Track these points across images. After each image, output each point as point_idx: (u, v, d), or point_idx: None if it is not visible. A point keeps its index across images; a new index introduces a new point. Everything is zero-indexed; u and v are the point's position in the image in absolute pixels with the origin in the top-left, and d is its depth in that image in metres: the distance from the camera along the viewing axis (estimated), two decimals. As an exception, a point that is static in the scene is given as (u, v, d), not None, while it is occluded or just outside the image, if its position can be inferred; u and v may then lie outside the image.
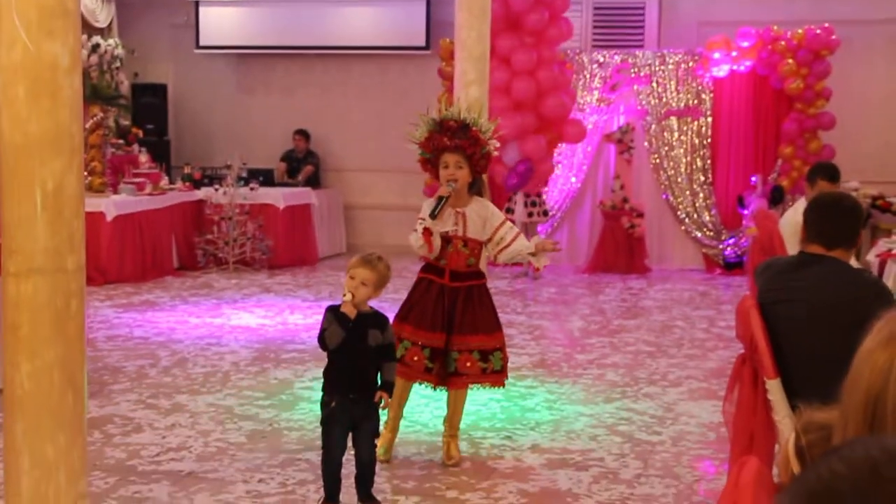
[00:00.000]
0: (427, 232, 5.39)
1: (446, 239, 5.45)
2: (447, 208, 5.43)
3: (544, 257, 5.61)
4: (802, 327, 4.07)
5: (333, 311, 4.76)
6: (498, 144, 5.68)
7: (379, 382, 4.79)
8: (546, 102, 11.99)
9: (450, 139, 5.44)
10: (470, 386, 5.59)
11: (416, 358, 5.43)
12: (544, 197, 12.68)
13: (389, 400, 4.81)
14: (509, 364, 7.79)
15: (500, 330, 5.59)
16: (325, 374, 4.84)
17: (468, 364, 5.45)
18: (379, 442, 5.42)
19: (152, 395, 6.90)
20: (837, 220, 4.19)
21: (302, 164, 14.52)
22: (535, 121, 12.04)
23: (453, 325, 5.45)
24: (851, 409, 1.63)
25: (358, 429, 4.80)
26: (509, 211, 12.55)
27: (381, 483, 5.20)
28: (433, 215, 5.37)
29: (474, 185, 5.56)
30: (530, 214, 12.41)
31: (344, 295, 4.74)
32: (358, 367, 4.77)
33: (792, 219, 7.19)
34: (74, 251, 3.92)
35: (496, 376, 5.55)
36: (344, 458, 4.84)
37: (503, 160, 11.66)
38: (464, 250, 5.50)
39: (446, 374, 5.48)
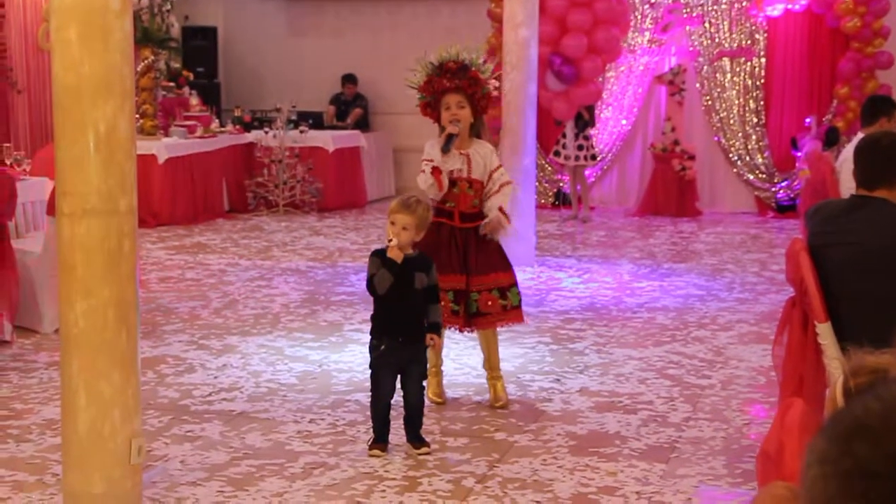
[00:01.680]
0: (437, 170, 5.42)
1: (452, 181, 5.48)
2: (452, 151, 5.46)
3: (489, 230, 5.54)
4: (853, 270, 4.05)
5: (380, 256, 4.79)
6: (497, 84, 5.70)
7: (426, 324, 4.83)
8: (598, 34, 11.79)
9: (450, 80, 5.47)
10: (495, 326, 5.62)
11: (441, 303, 5.48)
12: (593, 140, 12.58)
13: (440, 340, 4.85)
14: (560, 307, 7.85)
15: (511, 267, 5.64)
16: (374, 318, 4.89)
17: (489, 303, 5.50)
18: (430, 389, 5.50)
19: (204, 336, 7.00)
20: (875, 159, 4.15)
21: (351, 107, 14.52)
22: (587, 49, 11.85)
23: (469, 265, 5.49)
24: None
25: (406, 372, 4.85)
26: (556, 154, 12.49)
27: (430, 425, 5.25)
28: (446, 149, 5.39)
29: (475, 127, 5.57)
30: (577, 158, 12.33)
31: (389, 240, 4.77)
32: (406, 310, 4.80)
33: (847, 160, 7.11)
34: (126, 193, 3.97)
35: (516, 312, 5.59)
36: (393, 401, 4.89)
37: (546, 85, 11.52)
38: (469, 192, 5.52)
39: (469, 316, 5.52)
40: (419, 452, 4.84)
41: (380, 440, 4.87)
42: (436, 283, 4.90)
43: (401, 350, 4.79)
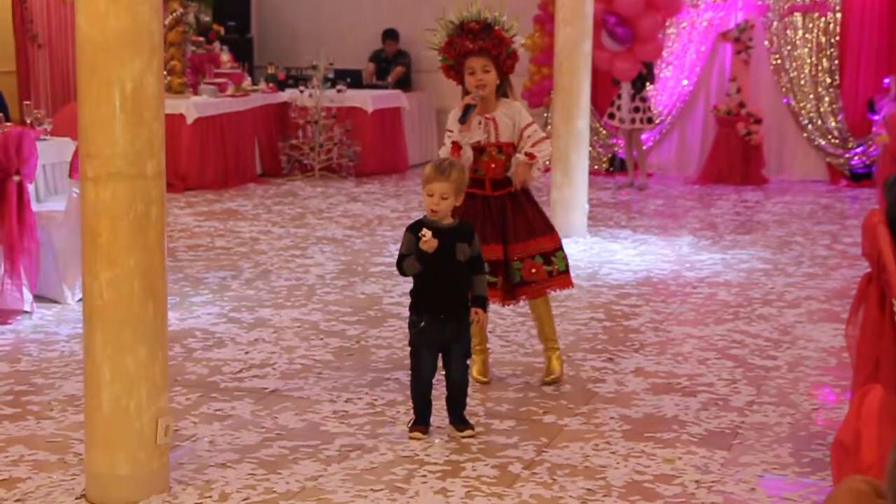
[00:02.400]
0: (455, 145, 5.41)
1: (479, 148, 5.46)
2: (474, 118, 5.43)
3: (518, 180, 5.52)
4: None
5: (415, 233, 4.77)
6: (523, 41, 5.68)
7: (471, 298, 4.83)
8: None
9: (472, 42, 5.45)
10: (542, 293, 5.61)
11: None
12: (650, 102, 12.48)
13: (485, 315, 4.84)
14: (613, 281, 7.82)
15: (554, 229, 5.64)
16: (413, 293, 4.88)
17: (533, 270, 5.49)
18: (474, 368, 5.51)
19: (234, 308, 7.04)
20: None
21: (392, 64, 14.50)
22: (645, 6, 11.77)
23: (507, 233, 5.49)
24: None
25: (449, 350, 4.84)
26: (611, 116, 12.41)
27: (474, 406, 5.25)
28: (463, 121, 5.38)
29: (501, 87, 5.55)
30: (633, 121, 12.24)
31: (422, 234, 4.71)
32: (447, 284, 4.80)
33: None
34: (154, 156, 3.99)
35: (563, 277, 5.58)
36: (435, 380, 4.90)
37: (603, 44, 11.46)
38: (499, 156, 5.50)
39: (513, 287, 5.51)
40: (462, 435, 4.85)
41: (421, 422, 4.88)
42: (479, 252, 4.89)
43: (443, 327, 4.79)
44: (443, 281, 4.79)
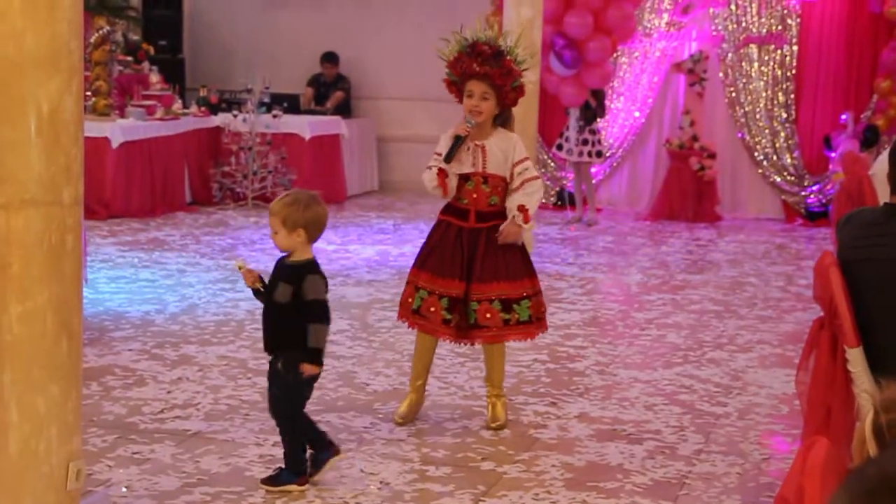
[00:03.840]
0: (442, 173, 5.43)
1: (464, 176, 5.49)
2: (463, 147, 5.45)
3: (504, 236, 5.55)
4: (889, 289, 4.03)
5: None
6: (534, 79, 5.71)
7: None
8: (609, 12, 11.77)
9: (479, 65, 5.46)
10: (495, 341, 5.62)
11: (432, 309, 5.50)
12: (600, 135, 12.56)
13: (313, 371, 4.68)
14: (559, 321, 7.84)
15: (528, 276, 5.60)
16: None
17: (488, 315, 5.48)
18: (402, 403, 5.57)
19: (157, 344, 6.97)
20: None
21: (331, 89, 14.51)
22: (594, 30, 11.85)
23: (473, 271, 5.48)
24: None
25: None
26: (559, 147, 12.49)
27: (409, 451, 5.23)
28: (448, 159, 5.40)
29: (499, 118, 5.56)
30: (581, 154, 12.31)
31: (236, 262, 4.86)
32: (267, 324, 4.82)
33: (884, 163, 7.11)
34: (72, 182, 3.94)
35: (523, 328, 5.56)
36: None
37: (550, 67, 11.53)
38: (485, 188, 5.52)
39: (467, 327, 5.51)
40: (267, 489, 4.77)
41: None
42: (313, 299, 4.68)
43: (271, 366, 4.84)
44: (265, 320, 4.83)
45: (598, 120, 12.49)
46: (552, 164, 13.62)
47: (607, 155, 13.14)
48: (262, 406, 5.83)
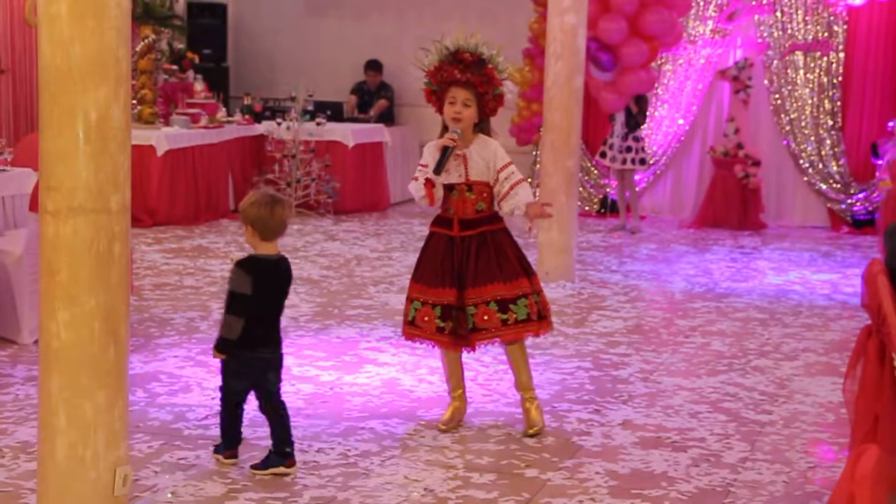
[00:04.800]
0: (429, 183, 5.47)
1: (449, 186, 5.52)
2: (451, 158, 5.49)
3: (535, 224, 5.62)
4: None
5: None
6: (514, 88, 5.74)
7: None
8: (647, 17, 11.71)
9: (461, 72, 5.51)
10: (495, 342, 5.63)
11: (426, 318, 5.54)
12: (644, 142, 12.53)
13: (216, 356, 5.05)
14: (603, 329, 7.81)
15: (525, 275, 5.59)
16: None
17: (486, 317, 5.49)
18: (445, 410, 5.74)
19: (202, 351, 7.00)
20: None
21: (375, 97, 14.54)
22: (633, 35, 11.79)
23: (466, 277, 5.51)
24: None
25: None
26: (602, 155, 12.47)
27: (453, 458, 5.23)
28: (438, 171, 5.44)
29: (478, 126, 5.59)
30: (624, 161, 12.29)
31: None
32: None
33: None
34: (119, 189, 3.98)
35: (522, 326, 5.56)
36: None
37: (592, 75, 11.48)
38: (469, 195, 5.55)
39: (467, 333, 5.53)
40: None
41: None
42: (228, 289, 5.03)
43: None
44: None
45: (642, 127, 12.46)
46: (595, 171, 13.60)
47: (651, 162, 13.11)
48: (306, 412, 5.86)
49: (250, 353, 5.01)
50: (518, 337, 5.63)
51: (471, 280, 5.51)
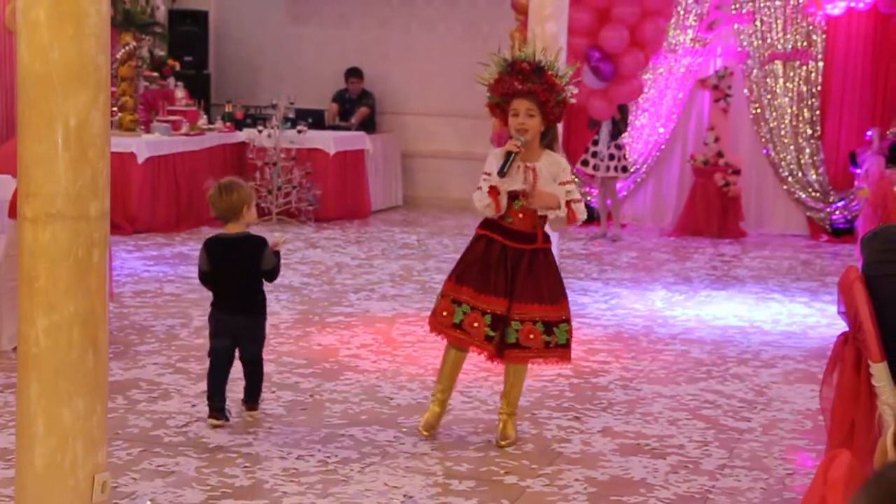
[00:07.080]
0: (494, 190, 5.40)
1: (513, 196, 5.46)
2: (514, 165, 5.43)
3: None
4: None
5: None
6: (576, 91, 5.67)
7: None
8: (644, 26, 11.76)
9: (521, 83, 5.44)
10: (532, 362, 5.62)
11: (476, 324, 5.46)
12: (625, 150, 12.58)
13: None
14: (583, 336, 7.83)
15: (565, 299, 5.60)
16: None
17: (531, 336, 5.46)
18: (422, 416, 5.70)
19: (182, 358, 7.00)
20: None
21: (356, 105, 14.55)
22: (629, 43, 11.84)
23: (514, 291, 5.46)
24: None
25: None
26: (584, 163, 12.50)
27: (433, 465, 5.24)
28: (502, 173, 5.37)
29: (546, 136, 5.55)
30: (607, 168, 12.33)
31: None
32: None
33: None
34: (98, 196, 3.96)
35: (562, 351, 5.55)
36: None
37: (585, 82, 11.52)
38: (531, 207, 5.49)
39: (504, 346, 5.50)
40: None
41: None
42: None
43: None
44: None
45: (623, 134, 12.50)
46: (576, 179, 13.60)
47: (632, 170, 13.15)
48: (286, 419, 5.86)
49: (226, 316, 5.73)
50: (560, 361, 5.61)
51: (519, 294, 5.46)
